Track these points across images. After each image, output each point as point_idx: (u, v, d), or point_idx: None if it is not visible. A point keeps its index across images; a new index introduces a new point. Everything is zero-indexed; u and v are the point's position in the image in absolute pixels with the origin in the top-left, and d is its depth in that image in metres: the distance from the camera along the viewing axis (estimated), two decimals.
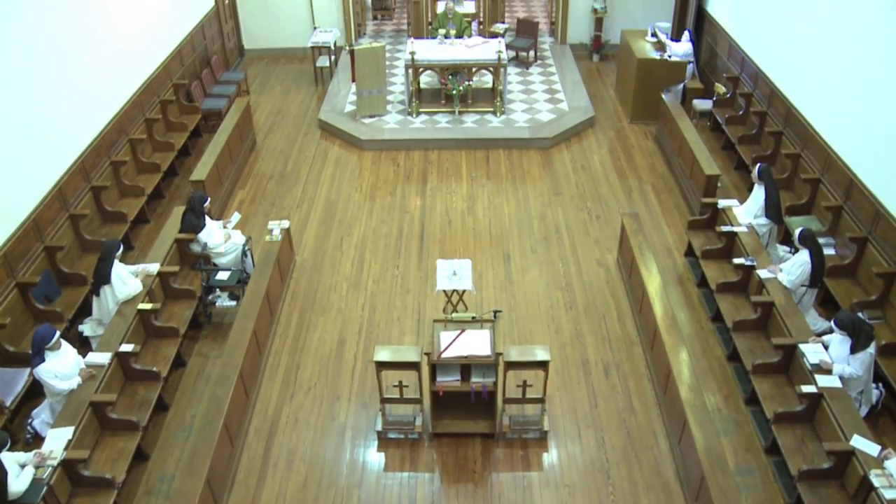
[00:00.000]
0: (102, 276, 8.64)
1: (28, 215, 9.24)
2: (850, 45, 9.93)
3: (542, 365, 7.69)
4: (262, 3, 17.54)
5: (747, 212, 10.07)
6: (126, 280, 8.80)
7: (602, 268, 10.76)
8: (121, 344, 8.18)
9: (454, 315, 8.10)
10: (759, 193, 9.98)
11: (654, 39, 14.74)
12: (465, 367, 7.68)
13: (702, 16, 15.44)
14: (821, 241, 8.94)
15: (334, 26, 17.44)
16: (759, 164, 10.11)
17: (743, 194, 11.59)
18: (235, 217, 10.61)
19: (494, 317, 7.88)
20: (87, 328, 9.01)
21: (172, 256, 9.82)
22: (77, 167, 10.41)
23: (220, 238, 10.08)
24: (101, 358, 7.96)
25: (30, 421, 8.03)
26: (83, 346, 8.90)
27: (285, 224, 10.42)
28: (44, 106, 9.72)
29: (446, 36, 14.93)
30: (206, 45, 15.64)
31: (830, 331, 8.03)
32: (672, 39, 14.74)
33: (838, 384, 7.51)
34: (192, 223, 9.93)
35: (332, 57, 16.69)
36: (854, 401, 7.60)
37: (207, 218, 10.11)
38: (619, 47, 15.85)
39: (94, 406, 7.50)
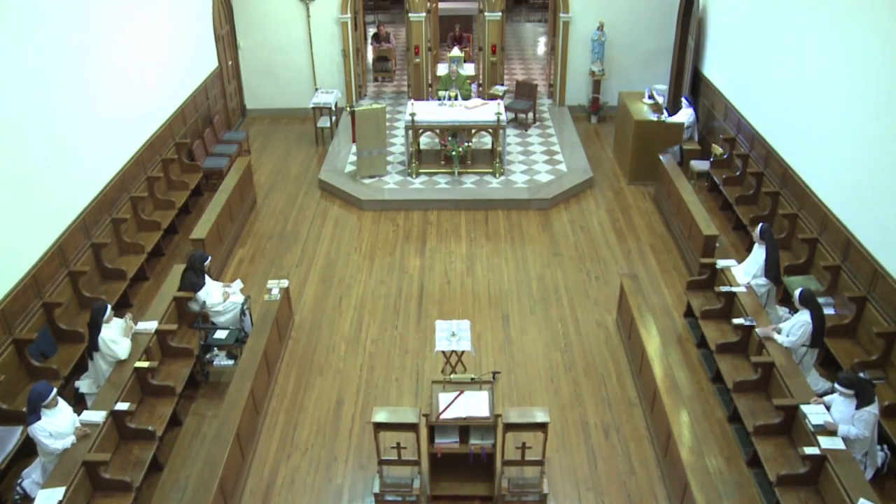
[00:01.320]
0: (91, 344, 8.62)
1: (27, 271, 9.24)
2: (843, 106, 10.06)
3: (542, 427, 7.61)
4: (265, 64, 17.83)
5: (746, 272, 10.07)
6: (113, 346, 8.68)
7: (601, 328, 10.73)
8: (116, 402, 8.10)
9: (453, 376, 8.04)
10: (759, 253, 9.99)
11: (652, 101, 14.94)
12: (464, 428, 7.60)
13: (698, 78, 15.68)
14: (820, 300, 8.93)
15: (336, 87, 17.69)
16: (760, 225, 10.14)
17: (741, 254, 11.61)
18: (237, 285, 10.54)
19: (493, 378, 7.84)
20: (83, 385, 8.94)
21: (171, 314, 9.79)
22: (78, 224, 10.46)
23: (220, 297, 10.07)
24: (96, 416, 7.87)
25: (20, 481, 7.89)
26: (78, 403, 8.83)
27: (284, 283, 10.40)
28: (46, 162, 9.80)
29: (448, 98, 15.11)
30: (209, 104, 15.84)
31: (832, 391, 7.97)
32: (668, 111, 14.91)
33: (842, 446, 7.42)
34: (192, 281, 9.93)
35: (333, 118, 16.88)
36: (859, 463, 7.50)
37: (207, 277, 10.11)
38: (617, 109, 16.05)
39: (87, 466, 7.39)
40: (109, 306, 8.87)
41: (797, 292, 8.76)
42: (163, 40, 13.57)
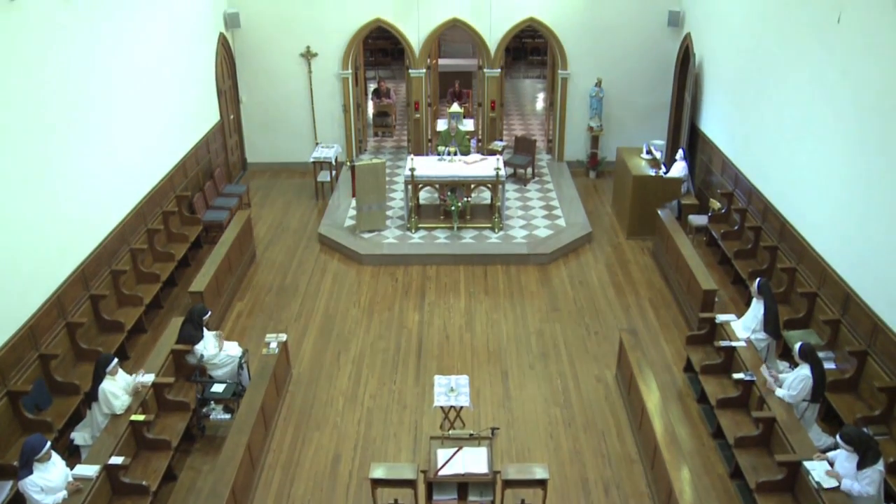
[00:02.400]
0: (91, 392, 8.57)
1: (24, 322, 9.21)
2: (840, 161, 10.14)
3: (541, 483, 7.53)
4: (267, 118, 18.02)
5: (745, 326, 10.05)
6: (112, 400, 8.61)
7: (601, 384, 10.66)
8: (110, 456, 8.00)
9: (451, 432, 7.99)
10: (757, 308, 9.98)
11: (650, 157, 15.06)
12: (463, 485, 7.51)
13: (695, 133, 15.83)
14: (820, 355, 8.89)
15: (336, 142, 17.84)
16: (758, 279, 10.16)
17: (740, 309, 11.59)
18: (236, 348, 10.50)
19: (492, 434, 7.79)
20: (78, 436, 8.85)
21: (168, 367, 9.73)
22: (77, 275, 10.45)
23: (215, 349, 10.02)
24: (89, 470, 7.77)
25: None
26: (73, 455, 8.73)
27: (283, 337, 10.37)
28: (47, 213, 9.83)
29: (447, 153, 15.23)
30: (210, 158, 15.97)
31: (835, 447, 7.88)
32: (666, 166, 15.05)
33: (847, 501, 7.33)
34: (190, 334, 9.90)
35: (333, 172, 17.00)
36: None
37: (205, 329, 10.08)
38: (616, 164, 16.18)
39: None
40: (116, 360, 8.84)
41: (797, 346, 8.74)
42: (166, 94, 13.73)
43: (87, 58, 10.88)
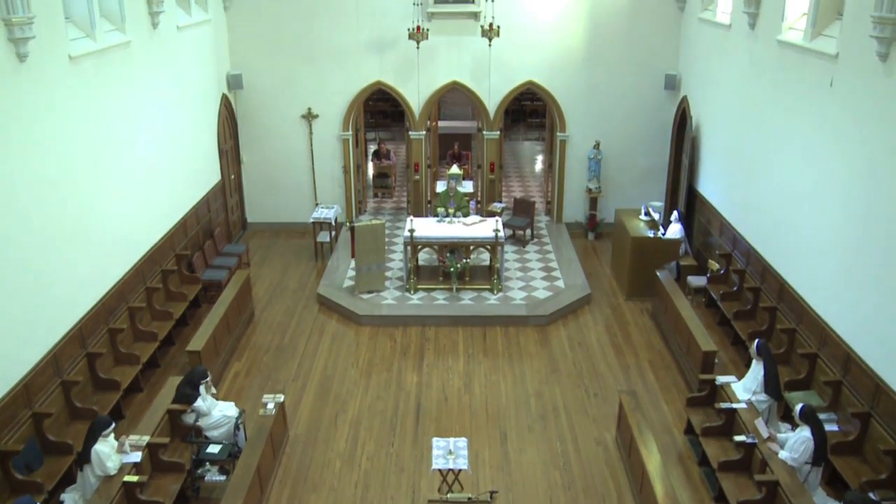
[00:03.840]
0: (83, 453, 8.46)
1: (19, 380, 9.13)
2: (838, 221, 10.19)
3: None
4: (267, 178, 18.16)
5: (746, 388, 9.98)
6: (106, 461, 8.49)
7: (600, 447, 10.54)
8: None
9: (450, 495, 7.89)
10: (757, 369, 9.93)
11: (648, 218, 15.14)
12: None
13: (693, 195, 15.94)
14: (822, 416, 8.82)
15: (336, 203, 17.93)
16: (757, 340, 10.13)
17: (741, 370, 11.52)
18: (233, 408, 10.41)
19: (491, 497, 7.69)
20: (68, 498, 8.70)
21: (163, 427, 9.61)
22: (75, 333, 10.42)
23: (213, 408, 9.94)
24: None
25: None
26: None
27: (280, 398, 10.29)
28: (46, 271, 9.83)
29: (446, 214, 15.31)
30: (211, 217, 16.04)
31: None
32: (664, 228, 15.12)
33: None
34: (187, 394, 9.82)
35: (333, 232, 17.05)
36: None
37: (202, 388, 10.00)
38: (614, 226, 16.24)
39: None
40: (114, 424, 8.76)
41: (798, 408, 8.67)
42: (169, 153, 13.85)
43: (90, 116, 11.01)
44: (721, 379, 10.43)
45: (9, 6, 8.78)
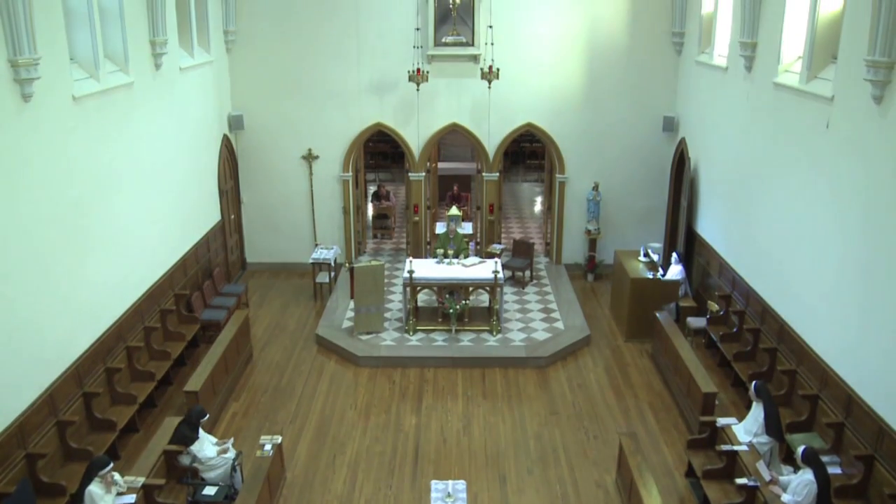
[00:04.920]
0: (77, 494, 8.38)
1: (13, 420, 9.05)
2: (835, 263, 10.20)
3: None
4: (267, 219, 18.22)
5: (747, 430, 9.90)
6: (98, 502, 8.42)
7: (601, 489, 10.44)
8: None
9: None
10: (757, 411, 9.87)
11: (647, 260, 15.17)
12: None
13: (692, 236, 15.97)
14: (825, 459, 8.74)
15: (335, 243, 17.96)
16: (754, 383, 10.10)
17: (741, 412, 11.45)
18: (230, 442, 10.34)
19: None
20: None
21: (159, 468, 9.52)
22: (71, 372, 10.35)
23: (213, 451, 9.86)
24: None
25: None
26: None
27: (277, 439, 10.21)
28: (44, 309, 9.80)
29: (445, 256, 15.32)
30: (210, 257, 16.06)
31: None
32: (664, 269, 15.15)
33: None
34: (185, 435, 9.76)
35: (332, 273, 17.06)
36: None
37: (201, 430, 9.93)
38: (613, 267, 16.24)
39: None
40: (112, 464, 8.68)
41: (800, 450, 8.59)
42: (169, 193, 13.90)
43: (93, 156, 11.07)
44: (722, 421, 10.36)
45: (16, 47, 8.89)
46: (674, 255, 15.43)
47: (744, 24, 12.81)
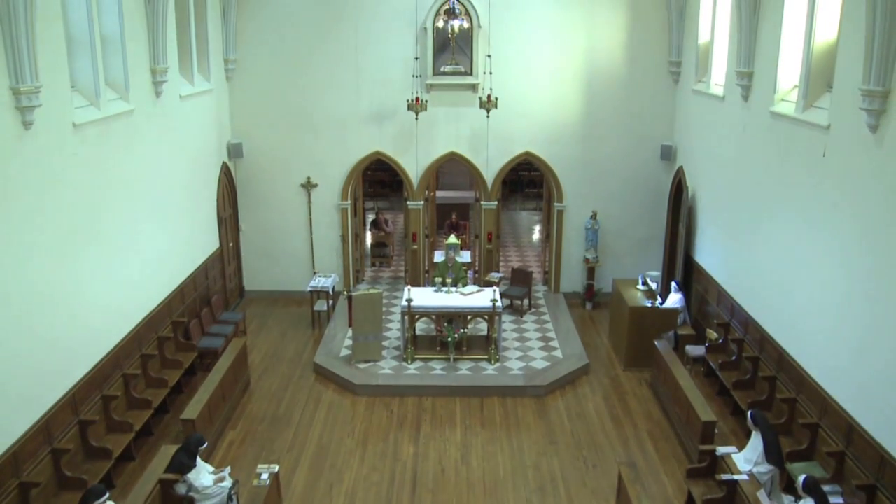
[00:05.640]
0: None
1: (7, 449, 8.98)
2: (834, 290, 10.20)
3: None
4: (265, 247, 18.24)
5: (746, 459, 9.85)
6: None
7: None
8: None
9: None
10: (756, 440, 9.82)
11: (645, 288, 15.16)
12: None
13: (690, 264, 15.98)
14: (826, 488, 8.67)
15: (333, 272, 17.95)
16: (750, 412, 10.06)
17: (741, 440, 11.38)
18: (227, 471, 10.25)
19: None
20: None
21: (155, 497, 9.43)
22: (67, 400, 10.29)
23: (209, 480, 9.78)
24: None
25: None
26: None
27: (274, 468, 10.15)
28: (41, 336, 9.76)
29: (444, 284, 15.31)
30: (208, 284, 16.03)
31: None
32: (662, 298, 15.15)
33: None
34: (183, 462, 9.68)
35: (330, 301, 17.04)
36: None
37: (198, 459, 9.86)
38: (612, 296, 16.24)
39: None
40: (108, 493, 8.60)
41: (801, 479, 8.53)
42: (168, 220, 13.92)
43: (92, 183, 11.10)
44: (721, 450, 10.30)
45: (18, 75, 8.95)
46: (673, 283, 15.42)
47: (740, 53, 12.91)
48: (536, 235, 24.43)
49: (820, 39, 10.80)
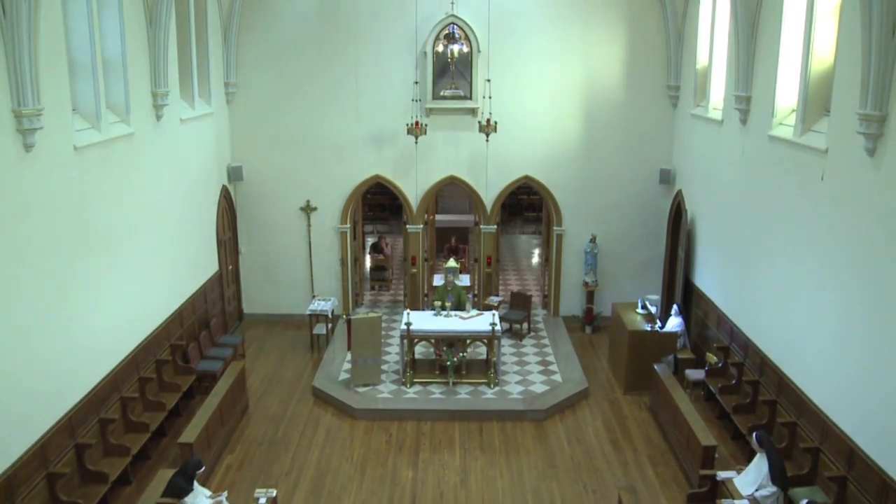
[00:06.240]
0: None
1: (1, 473, 8.90)
2: (833, 314, 10.18)
3: None
4: (265, 270, 18.24)
5: (752, 481, 9.78)
6: None
7: None
8: None
9: None
10: (761, 462, 9.76)
11: (645, 312, 15.15)
12: None
13: (690, 288, 15.97)
14: None
15: (333, 295, 17.93)
16: (755, 433, 10.01)
17: (742, 465, 11.23)
18: (224, 495, 10.20)
19: None
20: None
21: None
22: (64, 423, 10.22)
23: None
24: None
25: None
26: None
27: (272, 493, 10.11)
28: (39, 359, 9.72)
29: (443, 308, 15.30)
30: (207, 307, 16.01)
31: None
32: (661, 321, 15.14)
33: None
34: (180, 486, 9.61)
35: (329, 325, 17.01)
36: None
37: (195, 483, 9.80)
38: (611, 319, 16.22)
39: None
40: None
41: None
42: (167, 243, 13.92)
43: (92, 205, 11.11)
44: (722, 474, 10.27)
45: (20, 98, 8.99)
46: (674, 306, 15.40)
47: (738, 77, 12.99)
48: (536, 259, 24.45)
49: (817, 63, 10.89)
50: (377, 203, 27.72)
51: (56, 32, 10.08)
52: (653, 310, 15.17)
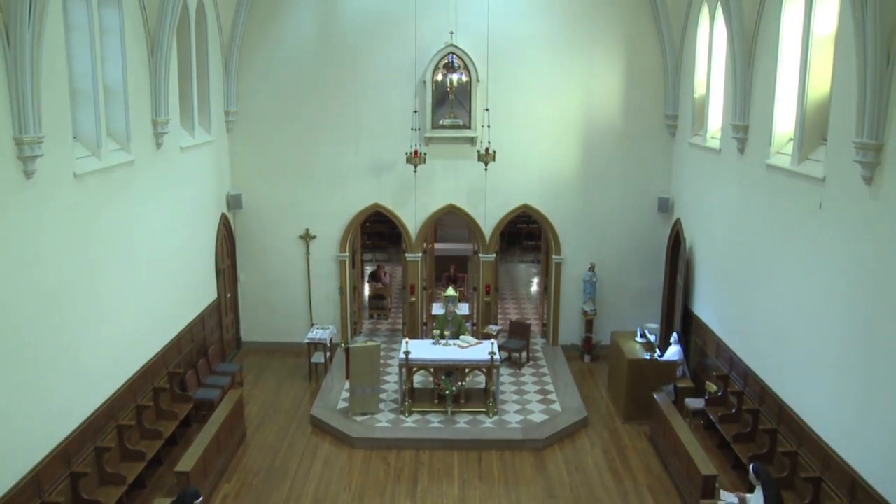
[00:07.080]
0: None
1: None
2: (833, 342, 10.17)
3: None
4: (263, 298, 18.22)
5: None
6: None
7: None
8: None
9: None
10: (759, 496, 9.67)
11: (644, 340, 15.12)
12: None
13: (689, 316, 15.95)
14: None
15: (331, 323, 17.90)
16: (752, 465, 9.92)
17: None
18: None
19: None
20: None
21: None
22: (59, 452, 10.14)
23: None
24: None
25: None
26: None
27: None
28: (35, 385, 9.67)
29: (442, 337, 15.26)
30: (205, 335, 15.97)
31: None
32: (661, 350, 15.11)
33: None
34: None
35: (328, 353, 16.96)
36: None
37: None
38: (610, 348, 16.19)
39: None
40: None
41: None
42: (166, 271, 13.90)
43: (92, 232, 11.13)
44: (723, 496, 10.16)
45: (21, 125, 9.03)
46: (674, 334, 15.38)
47: (735, 107, 13.08)
48: (535, 288, 24.43)
49: (814, 93, 10.98)
50: (376, 231, 27.72)
51: (58, 60, 10.16)
52: (652, 338, 15.15)
